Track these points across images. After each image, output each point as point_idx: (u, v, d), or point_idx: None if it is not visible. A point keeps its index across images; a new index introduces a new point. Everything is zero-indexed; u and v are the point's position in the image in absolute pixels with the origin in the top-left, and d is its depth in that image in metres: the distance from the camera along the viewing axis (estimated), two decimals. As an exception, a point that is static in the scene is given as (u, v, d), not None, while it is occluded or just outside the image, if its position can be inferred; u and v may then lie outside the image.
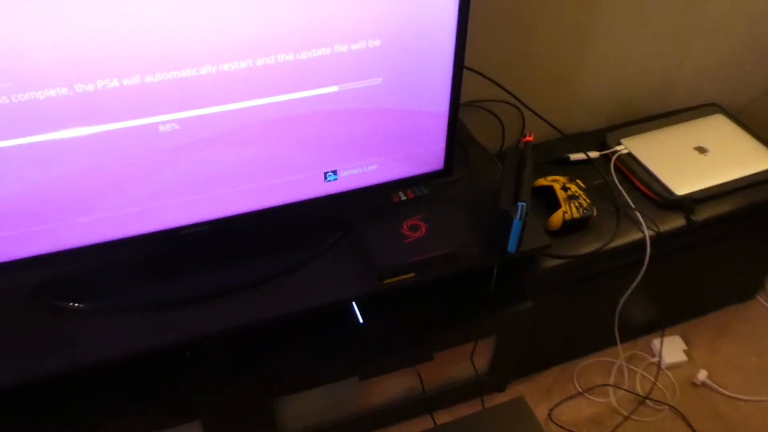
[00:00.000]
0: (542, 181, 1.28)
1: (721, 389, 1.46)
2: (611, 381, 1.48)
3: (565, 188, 1.25)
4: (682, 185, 1.33)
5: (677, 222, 1.29)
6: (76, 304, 0.97)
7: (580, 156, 1.40)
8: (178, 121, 0.85)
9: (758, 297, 1.67)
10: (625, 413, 1.42)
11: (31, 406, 1.02)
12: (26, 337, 0.93)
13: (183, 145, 0.88)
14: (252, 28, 0.81)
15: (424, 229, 1.05)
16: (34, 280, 1.00)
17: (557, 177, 1.28)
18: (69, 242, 0.92)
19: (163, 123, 0.85)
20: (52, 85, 0.76)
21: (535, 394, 1.45)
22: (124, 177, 0.88)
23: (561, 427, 1.39)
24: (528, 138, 1.13)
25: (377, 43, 0.88)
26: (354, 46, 0.87)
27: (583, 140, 1.46)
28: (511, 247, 1.04)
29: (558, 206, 1.22)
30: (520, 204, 0.99)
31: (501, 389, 1.45)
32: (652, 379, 1.48)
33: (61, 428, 1.00)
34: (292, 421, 1.22)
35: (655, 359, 1.51)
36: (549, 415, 1.41)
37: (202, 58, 0.81)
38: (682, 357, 1.51)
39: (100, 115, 0.81)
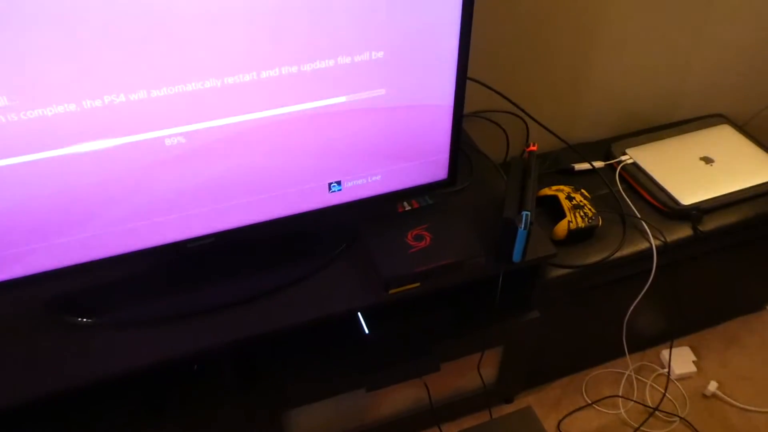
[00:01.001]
0: (547, 191, 1.29)
1: (731, 401, 1.45)
2: (620, 392, 1.47)
3: (570, 198, 1.25)
4: (688, 195, 1.32)
5: (684, 232, 1.29)
6: (84, 320, 0.97)
7: (585, 166, 1.40)
8: (184, 134, 0.86)
9: (767, 308, 1.66)
10: (635, 425, 1.40)
11: (39, 422, 1.02)
12: (34, 353, 0.94)
13: (189, 158, 0.89)
14: (256, 42, 0.82)
15: (429, 239, 1.05)
16: (42, 296, 1.00)
17: (562, 187, 1.28)
18: (76, 258, 0.93)
19: (169, 136, 0.86)
20: (61, 101, 0.78)
21: (544, 405, 1.44)
22: (130, 191, 0.89)
23: (570, 439, 1.38)
24: (532, 148, 1.13)
25: (380, 54, 0.89)
26: (357, 58, 0.88)
27: (588, 150, 1.46)
28: (516, 256, 1.04)
29: (563, 216, 1.23)
30: (524, 213, 0.99)
31: (509, 401, 1.45)
32: (662, 390, 1.47)
33: (68, 443, 1.00)
34: (299, 434, 1.22)
35: (665, 370, 1.50)
36: (558, 426, 1.40)
37: (207, 71, 0.82)
38: (692, 368, 1.49)
39: (108, 130, 0.82)
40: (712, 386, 1.45)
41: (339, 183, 1.01)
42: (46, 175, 0.83)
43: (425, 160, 1.05)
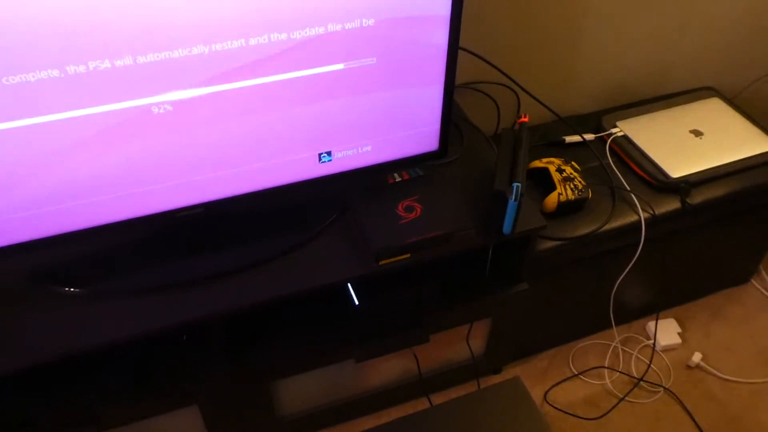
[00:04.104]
0: (537, 163, 1.28)
1: (714, 371, 1.47)
2: (606, 363, 1.48)
3: (560, 170, 1.25)
4: (677, 168, 1.33)
5: (672, 205, 1.29)
6: (72, 289, 0.96)
7: (576, 138, 1.39)
8: (172, 102, 0.85)
9: (752, 280, 1.67)
10: (620, 395, 1.42)
11: (28, 391, 1.02)
12: (22, 323, 0.93)
13: (177, 127, 0.88)
14: (245, 7, 0.80)
15: (419, 210, 1.04)
16: (29, 265, 0.99)
17: (552, 159, 1.28)
18: (63, 226, 0.92)
19: (156, 104, 0.84)
20: (44, 67, 0.76)
21: (531, 376, 1.46)
22: (116, 160, 0.87)
23: (556, 408, 1.40)
24: (523, 119, 1.12)
25: (371, 22, 0.87)
26: (348, 25, 0.87)
27: (579, 122, 1.46)
28: (507, 228, 1.04)
29: (553, 188, 1.22)
30: (515, 184, 0.99)
31: (497, 371, 1.46)
32: (647, 361, 1.49)
33: (58, 414, 1.00)
34: (289, 405, 1.22)
35: (650, 342, 1.52)
36: (544, 397, 1.42)
37: (194, 37, 0.80)
38: (677, 340, 1.51)
39: (93, 97, 0.80)
40: (696, 357, 1.47)
41: (329, 153, 1.00)
42: (30, 143, 0.81)
43: (416, 131, 1.04)
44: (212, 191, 0.97)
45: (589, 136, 1.41)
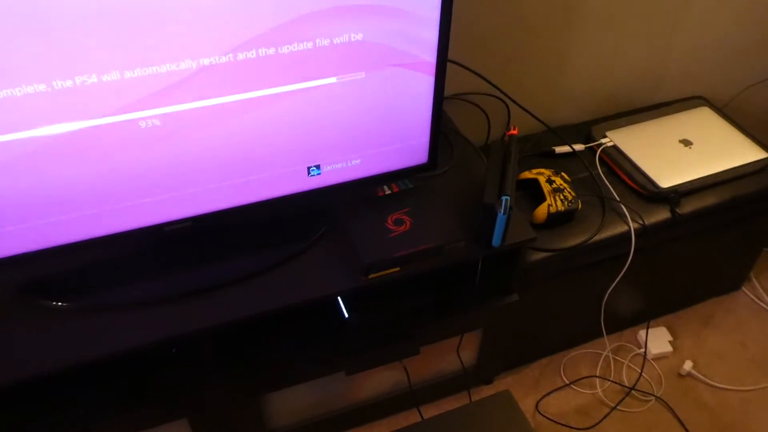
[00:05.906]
0: (527, 174, 1.28)
1: (706, 379, 1.47)
2: (598, 372, 1.49)
3: (550, 181, 1.25)
4: (667, 178, 1.33)
5: (662, 214, 1.30)
6: (60, 303, 0.96)
7: (566, 149, 1.40)
8: (159, 116, 0.85)
9: (743, 288, 1.68)
10: (612, 404, 1.43)
11: (17, 406, 1.01)
12: (10, 337, 0.92)
13: (164, 142, 0.87)
14: (232, 22, 0.80)
15: (408, 223, 1.04)
16: (17, 279, 0.98)
17: (542, 170, 1.28)
18: (50, 240, 0.91)
19: (144, 119, 0.84)
20: (30, 81, 0.75)
21: (523, 386, 1.46)
22: (104, 174, 0.87)
23: (548, 418, 1.40)
24: (512, 131, 1.13)
25: (360, 36, 0.88)
26: (336, 40, 0.87)
27: (569, 133, 1.46)
28: (496, 241, 1.04)
29: (543, 199, 1.23)
30: (504, 198, 0.99)
31: (488, 382, 1.46)
32: (638, 370, 1.49)
33: (47, 428, 0.99)
34: (279, 417, 1.22)
35: (641, 350, 1.52)
36: (536, 406, 1.42)
37: (181, 53, 0.80)
38: (668, 348, 1.52)
39: (79, 111, 0.80)
40: (688, 365, 1.48)
41: (318, 167, 1.00)
42: (15, 158, 0.81)
43: (405, 144, 1.04)
44: (201, 205, 0.97)
45: (579, 147, 1.41)
